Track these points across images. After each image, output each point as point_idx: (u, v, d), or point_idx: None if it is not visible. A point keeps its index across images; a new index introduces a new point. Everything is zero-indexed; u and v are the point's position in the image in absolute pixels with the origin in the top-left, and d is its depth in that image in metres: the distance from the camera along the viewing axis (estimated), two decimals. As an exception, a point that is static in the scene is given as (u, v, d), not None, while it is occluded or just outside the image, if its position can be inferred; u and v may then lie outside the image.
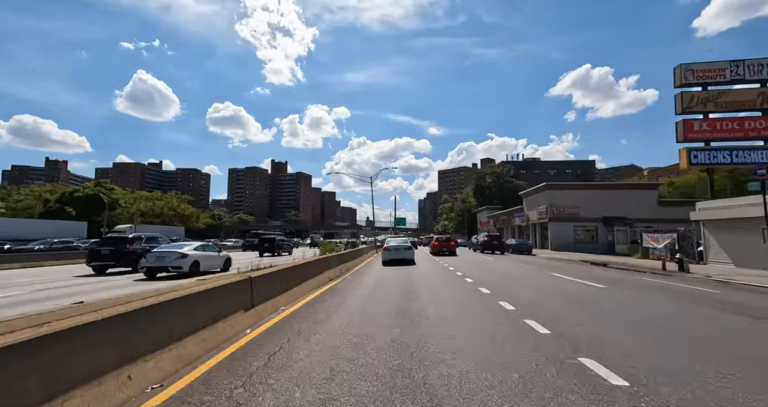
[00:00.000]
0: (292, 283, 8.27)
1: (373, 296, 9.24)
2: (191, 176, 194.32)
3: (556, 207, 36.30)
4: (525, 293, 9.37)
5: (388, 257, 18.25)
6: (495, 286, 10.88)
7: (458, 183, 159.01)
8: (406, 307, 7.63)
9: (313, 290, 9.85)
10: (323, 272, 11.86)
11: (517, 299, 8.29)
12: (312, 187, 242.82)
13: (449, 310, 7.25)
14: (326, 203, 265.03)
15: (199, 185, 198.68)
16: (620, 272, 15.60)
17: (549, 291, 9.81)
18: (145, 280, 12.74)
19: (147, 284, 11.62)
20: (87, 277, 14.20)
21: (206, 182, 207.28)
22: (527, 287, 10.76)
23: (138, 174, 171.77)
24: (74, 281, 13.05)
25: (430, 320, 6.35)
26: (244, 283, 5.78)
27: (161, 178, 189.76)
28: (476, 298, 8.70)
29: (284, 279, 7.81)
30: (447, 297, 8.91)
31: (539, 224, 39.79)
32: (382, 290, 10.30)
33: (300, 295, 8.70)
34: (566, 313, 6.72)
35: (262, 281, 6.46)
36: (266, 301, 6.50)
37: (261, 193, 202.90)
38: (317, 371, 3.77)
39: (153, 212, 79.23)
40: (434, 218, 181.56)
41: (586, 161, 77.19)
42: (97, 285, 11.61)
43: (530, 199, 41.97)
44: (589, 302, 7.94)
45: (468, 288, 10.48)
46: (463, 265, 19.00)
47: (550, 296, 8.94)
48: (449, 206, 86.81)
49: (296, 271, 9.15)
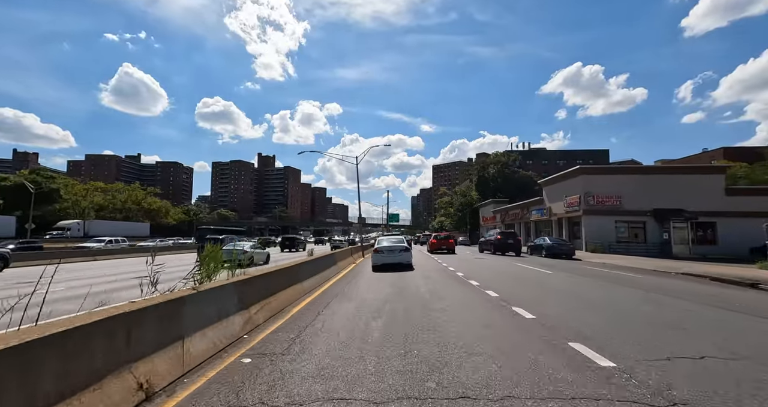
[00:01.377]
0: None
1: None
2: (172, 169, 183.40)
3: (593, 196, 28.42)
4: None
5: (379, 261, 15.30)
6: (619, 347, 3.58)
7: (453, 178, 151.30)
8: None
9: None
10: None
11: None
12: (302, 183, 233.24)
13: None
14: (317, 199, 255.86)
15: (181, 180, 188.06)
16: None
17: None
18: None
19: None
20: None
21: (188, 176, 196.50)
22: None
23: (113, 167, 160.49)
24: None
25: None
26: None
27: (139, 171, 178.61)
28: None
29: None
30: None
31: (567, 219, 31.90)
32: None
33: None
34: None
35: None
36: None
37: (247, 188, 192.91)
38: None
39: (114, 207, 69.85)
40: (429, 215, 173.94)
41: (599, 150, 69.39)
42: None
43: (554, 188, 34.04)
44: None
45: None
46: (487, 276, 11.38)
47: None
48: (447, 201, 78.77)
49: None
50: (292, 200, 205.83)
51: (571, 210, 30.07)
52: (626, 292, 9.27)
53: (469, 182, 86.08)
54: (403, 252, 15.27)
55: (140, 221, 73.57)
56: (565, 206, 31.06)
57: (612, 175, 29.56)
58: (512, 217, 46.78)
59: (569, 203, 30.46)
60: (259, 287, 6.30)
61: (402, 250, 15.33)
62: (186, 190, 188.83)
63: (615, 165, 47.24)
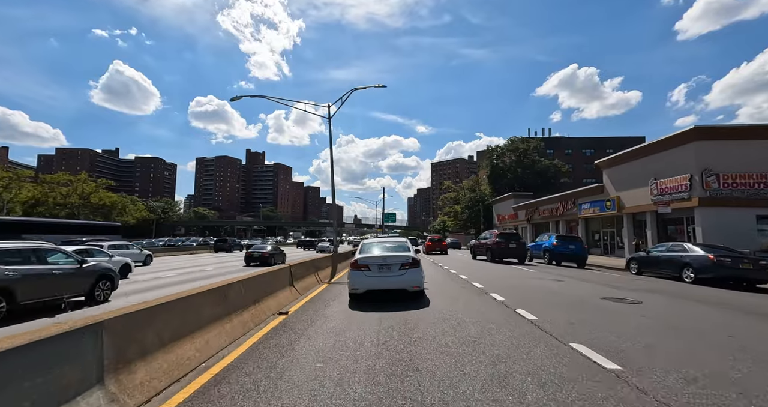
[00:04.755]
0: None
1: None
2: (152, 165, 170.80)
3: (717, 176, 17.46)
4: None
5: (362, 285, 7.74)
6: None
7: (454, 177, 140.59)
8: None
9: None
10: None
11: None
12: (293, 181, 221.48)
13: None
14: (310, 199, 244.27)
15: (163, 177, 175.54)
16: None
17: None
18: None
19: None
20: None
21: (171, 173, 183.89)
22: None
23: (86, 162, 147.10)
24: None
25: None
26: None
27: (116, 167, 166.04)
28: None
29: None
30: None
31: (655, 214, 20.87)
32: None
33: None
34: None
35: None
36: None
37: (233, 185, 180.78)
38: None
39: (54, 201, 58.00)
40: (428, 215, 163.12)
41: (633, 137, 58.49)
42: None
43: (629, 168, 23.08)
44: None
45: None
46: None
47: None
48: (452, 197, 67.60)
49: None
50: (282, 199, 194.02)
51: (670, 199, 19.02)
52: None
53: (476, 175, 75.01)
54: (407, 269, 7.81)
55: (92, 219, 61.78)
56: (656, 193, 20.06)
57: (752, 141, 18.12)
58: (544, 213, 35.78)
59: (665, 188, 19.45)
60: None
61: (405, 264, 7.85)
62: (168, 188, 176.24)
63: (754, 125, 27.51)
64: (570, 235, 23.78)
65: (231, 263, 21.67)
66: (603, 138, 64.53)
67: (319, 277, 11.32)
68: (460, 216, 62.44)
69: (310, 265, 10.52)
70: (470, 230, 58.89)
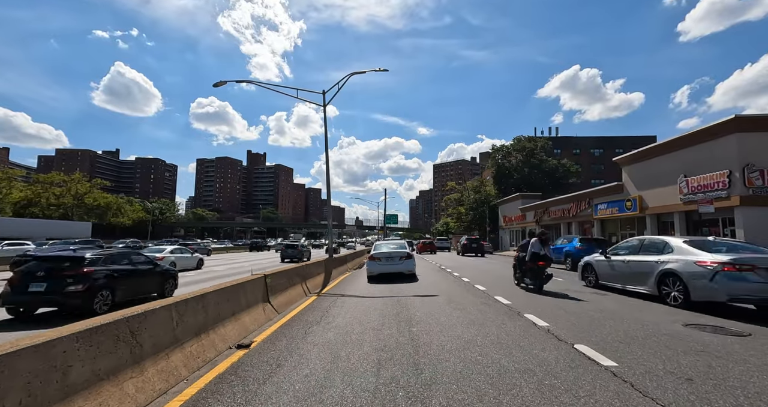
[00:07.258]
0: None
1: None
2: (152, 166, 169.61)
3: (761, 172, 15.53)
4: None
5: (376, 270, 13.22)
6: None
7: (457, 178, 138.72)
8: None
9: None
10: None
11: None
12: (294, 183, 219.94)
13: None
14: (311, 200, 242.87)
15: (163, 178, 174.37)
16: None
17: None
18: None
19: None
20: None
21: (172, 174, 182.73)
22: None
23: (86, 163, 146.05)
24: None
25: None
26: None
27: (117, 168, 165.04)
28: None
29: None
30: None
31: (685, 214, 18.93)
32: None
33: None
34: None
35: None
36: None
37: (234, 187, 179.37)
38: None
39: (47, 202, 56.48)
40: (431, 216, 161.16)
41: (644, 136, 56.48)
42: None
43: (653, 164, 21.17)
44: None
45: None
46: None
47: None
48: (456, 198, 65.61)
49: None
50: (283, 200, 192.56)
51: (704, 198, 17.04)
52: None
53: (479, 176, 73.15)
54: (404, 260, 13.21)
55: (83, 220, 60.19)
56: (686, 191, 18.10)
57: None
58: (556, 214, 33.83)
59: (697, 186, 17.50)
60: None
61: (403, 257, 13.24)
62: (169, 189, 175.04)
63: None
64: (595, 237, 21.81)
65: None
66: (613, 137, 62.46)
67: (306, 287, 9.45)
68: (464, 218, 60.47)
69: (294, 274, 8.67)
70: (474, 232, 56.90)
